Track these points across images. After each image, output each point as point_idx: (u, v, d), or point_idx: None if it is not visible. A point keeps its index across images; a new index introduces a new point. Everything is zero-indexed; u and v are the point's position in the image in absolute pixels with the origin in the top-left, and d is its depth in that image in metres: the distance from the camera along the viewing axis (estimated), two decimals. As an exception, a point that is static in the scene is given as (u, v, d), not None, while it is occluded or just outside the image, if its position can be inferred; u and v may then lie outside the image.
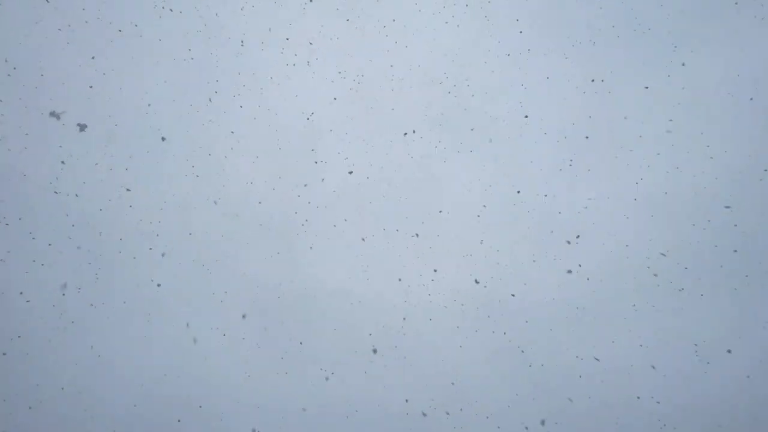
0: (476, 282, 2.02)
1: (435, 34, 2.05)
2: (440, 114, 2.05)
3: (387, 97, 2.06)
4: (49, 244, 1.98)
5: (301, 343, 2.03)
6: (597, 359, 1.98)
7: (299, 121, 2.06)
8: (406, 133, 2.03)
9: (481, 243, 2.03)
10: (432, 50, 2.05)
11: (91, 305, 2.00)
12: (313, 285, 2.04)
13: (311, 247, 2.04)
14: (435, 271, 2.04)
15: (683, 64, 1.97)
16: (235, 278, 2.03)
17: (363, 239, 2.04)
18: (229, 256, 2.04)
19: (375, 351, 2.02)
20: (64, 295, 1.98)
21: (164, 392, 2.01)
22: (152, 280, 2.01)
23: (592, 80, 2.00)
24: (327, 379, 2.02)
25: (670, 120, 1.97)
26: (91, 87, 2.01)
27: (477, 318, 2.02)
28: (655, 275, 1.97)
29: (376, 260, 2.04)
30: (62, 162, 1.99)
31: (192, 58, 2.03)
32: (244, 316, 2.03)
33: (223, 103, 2.04)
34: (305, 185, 2.05)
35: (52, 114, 1.96)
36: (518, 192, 2.02)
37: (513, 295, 2.02)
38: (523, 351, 2.01)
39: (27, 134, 1.98)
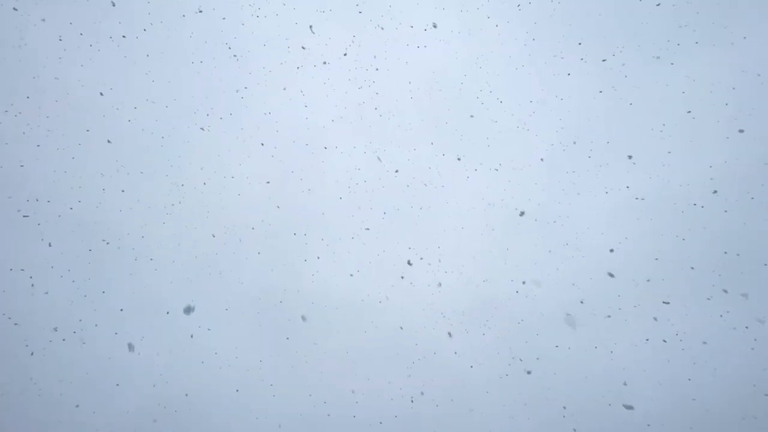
0: (484, 289, 2.01)
1: (453, 40, 2.01)
2: (455, 123, 2.02)
3: (399, 104, 2.03)
4: (50, 245, 1.97)
5: (306, 359, 2.01)
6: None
7: (306, 127, 2.03)
8: (416, 148, 2.00)
9: (490, 253, 2.01)
10: (457, 57, 2.01)
11: (92, 312, 1.99)
12: (320, 296, 2.02)
13: (318, 258, 2.02)
14: (443, 282, 2.02)
15: (683, 73, 1.96)
16: (239, 289, 2.02)
17: (373, 251, 2.02)
18: (233, 267, 2.01)
19: (383, 360, 2.01)
20: (71, 303, 1.97)
21: (170, 405, 1.99)
22: (154, 291, 2.00)
23: (607, 89, 1.98)
24: (334, 386, 2.01)
25: (675, 124, 1.96)
26: (89, 94, 1.98)
27: (481, 325, 2.01)
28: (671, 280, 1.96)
29: (384, 270, 2.03)
30: (64, 171, 1.95)
31: (192, 63, 2.01)
32: (248, 325, 2.02)
33: (225, 105, 2.02)
34: (312, 193, 2.03)
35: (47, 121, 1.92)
36: (529, 201, 2.00)
37: (514, 300, 2.01)
38: (521, 359, 2.01)
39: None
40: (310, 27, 2.02)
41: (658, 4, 1.94)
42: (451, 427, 1.98)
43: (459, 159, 2.02)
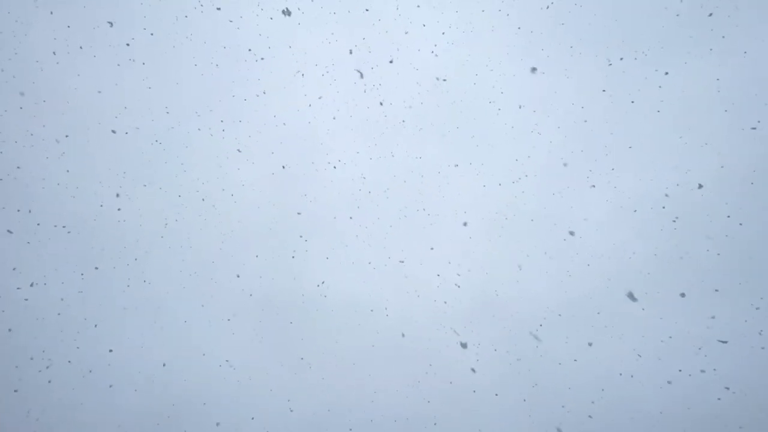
0: (492, 297, 2.01)
1: (455, 41, 1.97)
2: (466, 126, 1.99)
3: (408, 109, 1.99)
4: (53, 254, 1.97)
5: (309, 364, 2.02)
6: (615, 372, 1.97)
7: (311, 132, 2.00)
8: (421, 156, 1.98)
9: (498, 259, 2.00)
10: (469, 59, 1.97)
11: (91, 315, 1.99)
12: (323, 302, 2.02)
13: (322, 265, 2.02)
14: (450, 288, 2.02)
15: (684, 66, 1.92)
16: (242, 297, 2.02)
17: (371, 251, 2.02)
18: (234, 275, 2.01)
19: (388, 366, 2.02)
20: (63, 302, 1.97)
21: (173, 411, 2.01)
22: (155, 293, 2.00)
23: (625, 94, 1.94)
24: (339, 393, 2.02)
25: (674, 125, 1.93)
26: (87, 100, 1.96)
27: (488, 331, 2.02)
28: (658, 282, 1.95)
29: (389, 275, 2.02)
30: (57, 184, 1.95)
31: (195, 65, 1.97)
32: (250, 329, 2.03)
33: (228, 110, 1.99)
34: (317, 200, 2.01)
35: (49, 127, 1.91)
36: (533, 207, 1.99)
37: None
38: (520, 360, 2.02)
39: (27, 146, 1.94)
40: (316, 29, 1.97)
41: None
42: (456, 430, 2.00)
43: (470, 164, 2.01)
